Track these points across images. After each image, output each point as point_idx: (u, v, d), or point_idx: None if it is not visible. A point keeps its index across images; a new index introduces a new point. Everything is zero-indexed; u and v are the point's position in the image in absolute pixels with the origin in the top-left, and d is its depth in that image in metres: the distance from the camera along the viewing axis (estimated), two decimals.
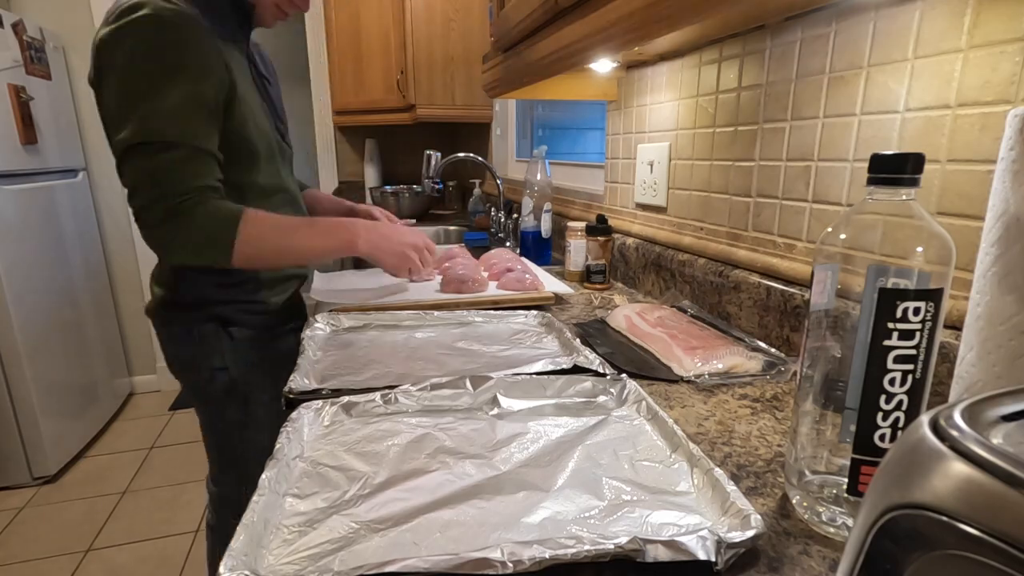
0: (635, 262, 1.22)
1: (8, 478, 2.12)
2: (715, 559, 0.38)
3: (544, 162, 1.45)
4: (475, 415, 0.64)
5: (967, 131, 0.58)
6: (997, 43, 0.55)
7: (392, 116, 2.59)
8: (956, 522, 0.18)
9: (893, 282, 0.39)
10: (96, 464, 2.32)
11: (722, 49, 0.94)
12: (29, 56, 2.21)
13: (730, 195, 0.95)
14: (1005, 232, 0.39)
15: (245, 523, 0.42)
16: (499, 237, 1.83)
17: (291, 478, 0.51)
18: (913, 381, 0.39)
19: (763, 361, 0.77)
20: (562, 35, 0.89)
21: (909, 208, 0.40)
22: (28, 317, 2.09)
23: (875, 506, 0.21)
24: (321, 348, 0.84)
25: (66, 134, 2.50)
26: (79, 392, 2.41)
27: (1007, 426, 0.21)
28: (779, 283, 0.82)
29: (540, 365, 0.74)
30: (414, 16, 2.29)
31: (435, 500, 0.48)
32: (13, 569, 1.73)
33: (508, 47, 1.20)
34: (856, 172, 0.71)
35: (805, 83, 0.78)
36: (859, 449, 0.41)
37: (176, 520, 1.95)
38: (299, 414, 0.60)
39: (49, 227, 2.30)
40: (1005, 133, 0.39)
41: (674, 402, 0.69)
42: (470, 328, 0.94)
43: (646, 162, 1.18)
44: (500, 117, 2.40)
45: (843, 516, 0.44)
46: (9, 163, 2.08)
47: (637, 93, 1.22)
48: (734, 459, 0.56)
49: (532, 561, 0.38)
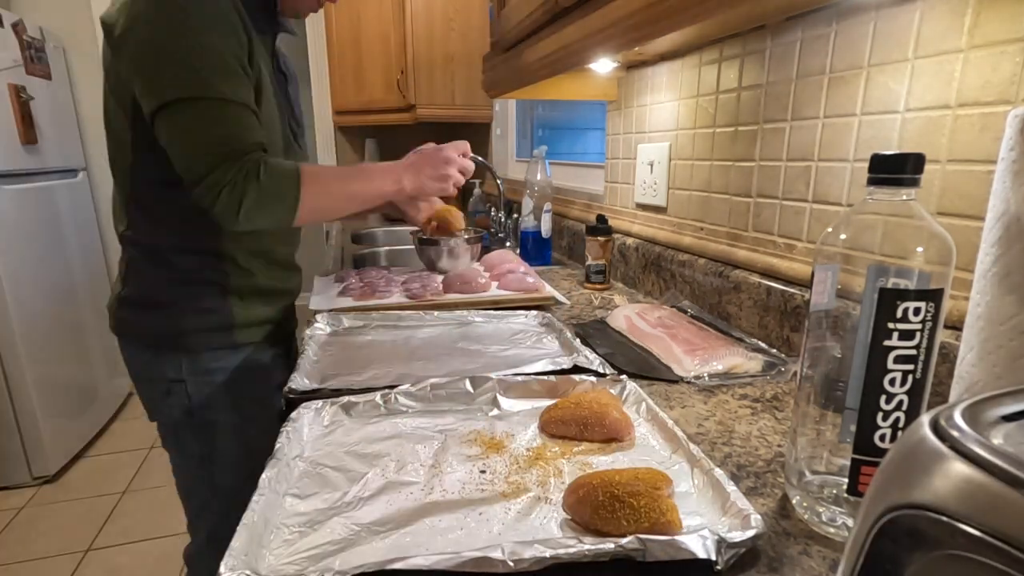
0: (635, 262, 1.22)
1: (8, 478, 2.12)
2: (715, 559, 0.38)
3: (544, 162, 1.45)
4: (475, 416, 0.64)
5: (967, 131, 0.58)
6: (997, 43, 0.55)
7: (392, 116, 2.59)
8: (956, 522, 0.18)
9: (893, 282, 0.39)
10: (96, 464, 2.32)
11: (722, 49, 0.94)
12: (29, 56, 2.21)
13: (730, 195, 0.95)
14: (1005, 232, 0.39)
15: (245, 523, 0.42)
16: (499, 237, 1.83)
17: (291, 478, 0.51)
18: (913, 381, 0.39)
19: (763, 361, 0.77)
20: (562, 35, 0.90)
21: (909, 208, 0.40)
22: (28, 317, 2.09)
23: (875, 506, 0.21)
24: (321, 348, 0.84)
25: (66, 134, 2.50)
26: (79, 392, 2.41)
27: (1007, 426, 0.21)
28: (779, 283, 0.83)
29: (540, 365, 0.74)
30: (414, 16, 2.29)
31: (435, 503, 0.48)
32: (13, 569, 1.73)
33: (508, 47, 1.20)
34: (856, 172, 0.71)
35: (805, 83, 0.78)
36: (859, 449, 0.41)
37: (176, 520, 1.94)
38: (299, 414, 0.60)
39: (49, 227, 2.30)
40: (1005, 133, 0.39)
41: (674, 402, 0.69)
42: (470, 328, 0.94)
43: (646, 162, 1.18)
44: (500, 117, 2.40)
45: (843, 516, 0.44)
46: (9, 163, 2.08)
47: (637, 93, 1.22)
48: (734, 459, 0.56)
49: (533, 560, 0.38)
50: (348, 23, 2.54)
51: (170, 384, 0.92)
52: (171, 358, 0.92)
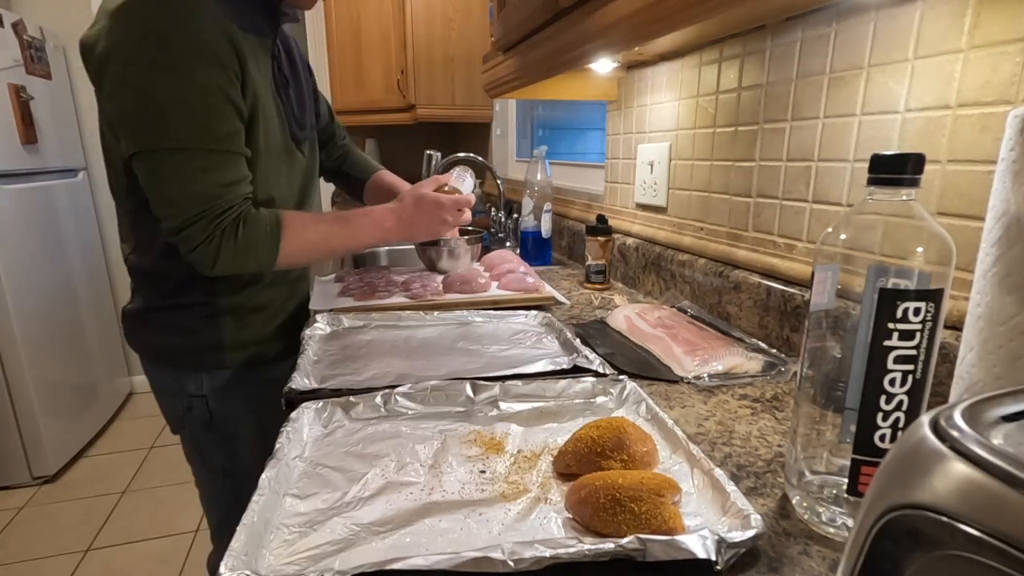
0: (635, 262, 1.22)
1: (8, 478, 2.12)
2: (715, 559, 0.38)
3: (544, 162, 1.45)
4: (475, 416, 0.64)
5: (967, 131, 0.58)
6: (997, 43, 0.55)
7: (392, 116, 2.59)
8: (956, 522, 0.18)
9: (893, 282, 0.39)
10: (96, 464, 2.32)
11: (722, 49, 0.94)
12: (29, 56, 2.21)
13: (730, 195, 0.95)
14: (1005, 232, 0.39)
15: (245, 523, 0.42)
16: (499, 237, 1.83)
17: (291, 478, 0.51)
18: (913, 381, 0.39)
19: (763, 361, 0.77)
20: (562, 35, 0.90)
21: (909, 208, 0.40)
22: (28, 317, 2.09)
23: (875, 506, 0.21)
24: (321, 348, 0.84)
25: (66, 134, 2.50)
26: (79, 392, 2.41)
27: (1007, 426, 0.21)
28: (779, 283, 0.83)
29: (540, 365, 0.74)
30: (414, 16, 2.29)
31: (435, 503, 0.48)
32: (13, 569, 1.73)
33: (508, 47, 1.20)
34: (856, 172, 0.71)
35: (805, 83, 0.78)
36: (859, 449, 0.41)
37: (176, 520, 1.95)
38: (299, 414, 0.60)
39: (49, 227, 2.30)
40: (1005, 133, 0.39)
41: (674, 402, 0.69)
42: (470, 328, 0.93)
43: (646, 162, 1.18)
44: (500, 117, 2.40)
45: (843, 516, 0.44)
46: (9, 163, 2.08)
47: (637, 93, 1.22)
48: (734, 459, 0.56)
49: (533, 560, 0.38)
50: (348, 23, 2.54)
51: (191, 399, 0.93)
52: (190, 374, 0.93)
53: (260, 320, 0.97)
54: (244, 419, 0.96)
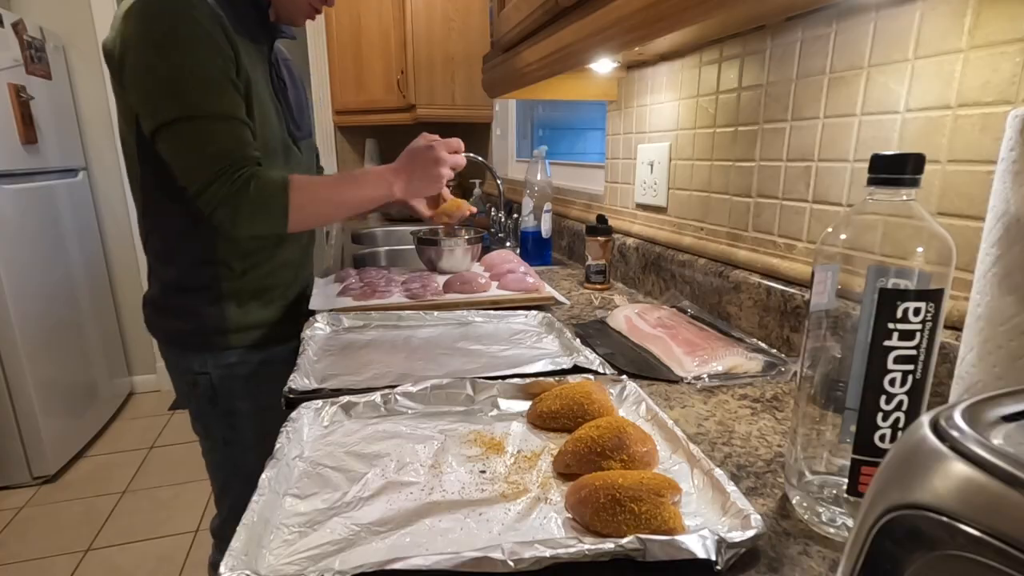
0: (635, 262, 1.22)
1: (8, 478, 2.12)
2: (715, 559, 0.38)
3: (544, 162, 1.45)
4: (475, 416, 0.64)
5: (967, 131, 0.58)
6: (997, 44, 0.55)
7: (392, 116, 2.59)
8: (956, 522, 0.18)
9: (893, 282, 0.39)
10: (96, 464, 2.32)
11: (722, 49, 0.94)
12: (29, 56, 2.21)
13: (730, 195, 0.95)
14: (1005, 233, 0.39)
15: (245, 523, 0.42)
16: (499, 237, 1.83)
17: (291, 478, 0.51)
18: (913, 381, 0.39)
19: (763, 362, 0.77)
20: (562, 35, 0.90)
21: (909, 208, 0.40)
22: (28, 317, 2.09)
23: (875, 506, 0.21)
24: (321, 348, 0.84)
25: (66, 134, 2.50)
26: (79, 392, 2.41)
27: (1007, 426, 0.21)
28: (779, 283, 0.83)
29: (540, 365, 0.74)
30: (414, 16, 2.29)
31: (435, 503, 0.48)
32: (13, 569, 1.73)
33: (508, 47, 1.20)
34: (856, 172, 0.71)
35: (805, 83, 0.78)
36: (859, 449, 0.41)
37: (176, 520, 1.95)
38: (299, 414, 0.60)
39: (49, 227, 2.30)
40: (1005, 134, 0.39)
41: (674, 402, 0.69)
42: (470, 328, 0.94)
43: (646, 162, 1.18)
44: (500, 117, 2.40)
45: (843, 516, 0.44)
46: (9, 163, 2.08)
47: (637, 93, 1.22)
48: (734, 459, 0.56)
49: (533, 560, 0.38)
50: (348, 23, 2.54)
51: (196, 376, 1.01)
52: (195, 355, 1.01)
53: (262, 305, 1.04)
54: (244, 396, 1.04)
